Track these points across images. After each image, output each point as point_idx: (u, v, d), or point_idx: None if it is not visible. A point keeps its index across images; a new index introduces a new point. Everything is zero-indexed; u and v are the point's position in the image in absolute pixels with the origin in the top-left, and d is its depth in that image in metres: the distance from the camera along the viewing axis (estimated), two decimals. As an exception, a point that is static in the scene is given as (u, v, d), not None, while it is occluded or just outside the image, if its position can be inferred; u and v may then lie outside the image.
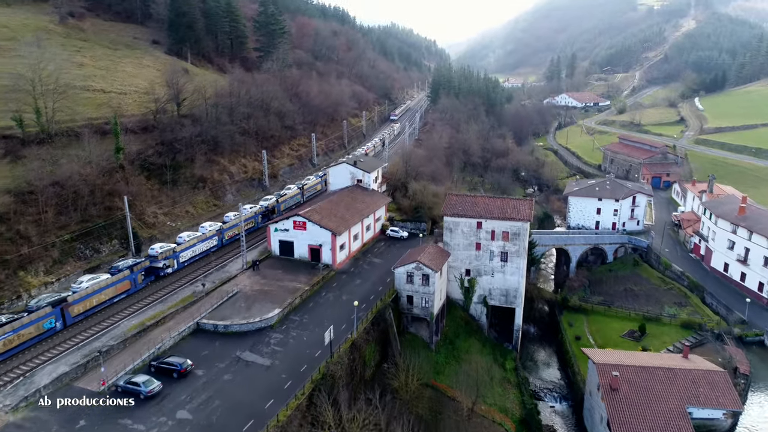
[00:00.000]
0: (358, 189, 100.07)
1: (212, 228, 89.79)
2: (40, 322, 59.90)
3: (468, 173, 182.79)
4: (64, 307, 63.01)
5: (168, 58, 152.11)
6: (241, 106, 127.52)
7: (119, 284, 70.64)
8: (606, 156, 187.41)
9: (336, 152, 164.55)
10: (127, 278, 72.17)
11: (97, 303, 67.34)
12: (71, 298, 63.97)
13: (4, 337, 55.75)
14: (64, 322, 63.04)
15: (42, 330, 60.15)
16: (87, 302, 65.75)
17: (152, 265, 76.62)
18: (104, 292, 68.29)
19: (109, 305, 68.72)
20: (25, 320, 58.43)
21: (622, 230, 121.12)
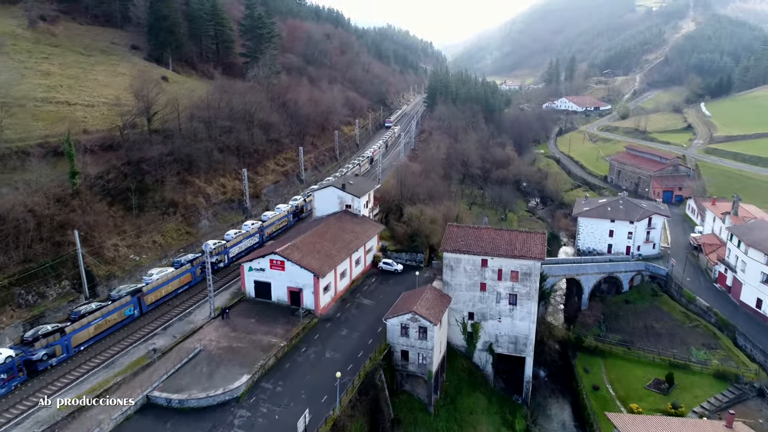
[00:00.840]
0: (346, 216, 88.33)
1: (254, 226, 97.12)
2: (122, 310, 67.69)
3: (467, 185, 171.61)
4: (140, 296, 70.58)
5: (146, 65, 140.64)
6: (221, 119, 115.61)
7: (182, 276, 77.89)
8: (612, 167, 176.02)
9: (327, 165, 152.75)
10: (189, 271, 79.75)
11: (166, 294, 74.68)
12: (145, 289, 71.38)
13: (95, 322, 63.73)
14: (141, 309, 70.61)
15: (124, 317, 67.97)
16: (158, 292, 73.12)
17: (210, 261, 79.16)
18: (171, 284, 75.46)
19: (174, 296, 75.64)
20: (111, 307, 65.77)
21: (638, 255, 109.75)
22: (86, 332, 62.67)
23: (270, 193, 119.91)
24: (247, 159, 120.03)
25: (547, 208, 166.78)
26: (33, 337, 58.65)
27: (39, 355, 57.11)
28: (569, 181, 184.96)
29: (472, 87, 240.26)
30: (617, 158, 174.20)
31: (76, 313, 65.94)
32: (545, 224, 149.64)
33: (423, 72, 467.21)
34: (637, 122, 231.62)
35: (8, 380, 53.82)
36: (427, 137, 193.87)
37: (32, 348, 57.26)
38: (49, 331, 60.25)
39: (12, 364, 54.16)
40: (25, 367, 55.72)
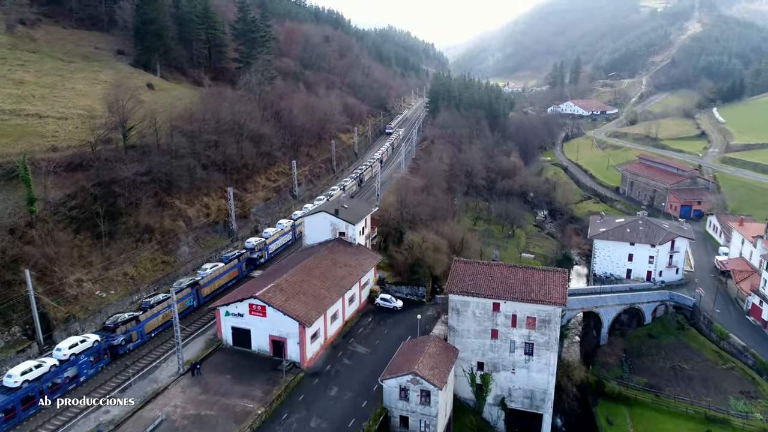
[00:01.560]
0: (340, 245, 78.29)
1: (288, 224, 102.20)
2: (183, 301, 72.07)
3: (471, 197, 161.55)
4: (197, 288, 75.80)
5: (131, 71, 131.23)
6: (206, 132, 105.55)
7: (231, 271, 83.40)
8: (625, 178, 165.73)
9: (323, 178, 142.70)
10: (236, 266, 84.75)
11: (218, 287, 79.81)
12: (201, 282, 76.47)
13: (163, 311, 68.38)
14: (198, 301, 75.92)
15: (185, 306, 72.57)
16: (212, 285, 78.52)
17: (251, 257, 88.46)
18: (222, 278, 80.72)
19: (224, 289, 79.57)
20: (175, 298, 63.70)
21: (660, 282, 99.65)
22: (156, 320, 68.57)
23: (260, 212, 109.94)
24: (234, 175, 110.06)
25: (556, 222, 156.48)
26: (113, 324, 64.68)
27: (119, 340, 63.34)
28: (579, 192, 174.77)
29: (475, 91, 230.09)
30: (630, 168, 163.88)
31: (146, 303, 70.89)
32: (555, 241, 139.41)
33: (424, 74, 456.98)
34: (647, 128, 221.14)
35: (96, 362, 60.41)
36: (429, 145, 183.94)
37: (113, 334, 63.34)
38: (126, 319, 65.99)
39: (99, 348, 60.79)
40: (108, 351, 62.32)
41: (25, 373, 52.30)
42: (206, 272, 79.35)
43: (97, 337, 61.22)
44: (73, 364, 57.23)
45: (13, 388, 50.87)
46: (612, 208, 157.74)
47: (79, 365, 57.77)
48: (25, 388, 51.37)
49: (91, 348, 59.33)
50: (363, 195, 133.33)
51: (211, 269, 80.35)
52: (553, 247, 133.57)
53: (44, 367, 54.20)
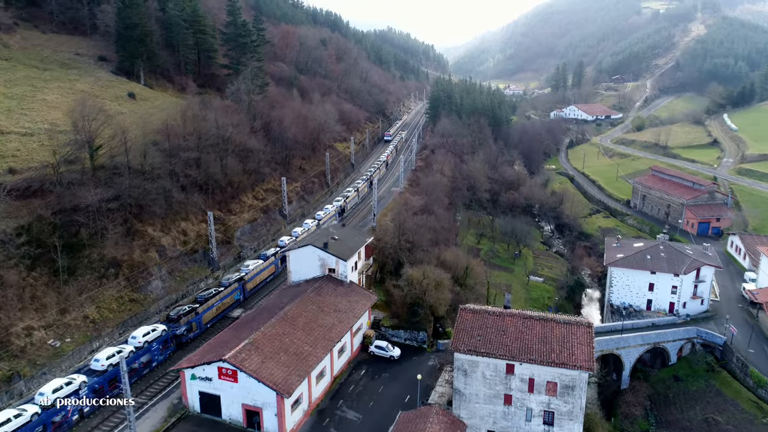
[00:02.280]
0: (329, 284, 68.31)
1: (313, 224, 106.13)
2: (232, 294, 76.68)
3: (474, 211, 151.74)
4: (243, 283, 79.91)
5: (112, 79, 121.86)
6: (186, 150, 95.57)
7: (269, 267, 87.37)
8: (636, 191, 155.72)
9: (317, 193, 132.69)
10: (273, 263, 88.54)
11: (260, 281, 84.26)
12: (246, 277, 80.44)
13: (219, 303, 73.86)
14: (244, 294, 79.92)
15: (234, 300, 76.86)
16: (255, 280, 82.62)
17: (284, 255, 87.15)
18: (262, 273, 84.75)
19: (265, 284, 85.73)
20: (225, 292, 75.10)
21: (684, 315, 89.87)
22: (211, 312, 73.29)
23: (245, 236, 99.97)
24: (217, 195, 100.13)
25: (564, 238, 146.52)
26: (176, 315, 69.53)
27: (182, 330, 67.71)
28: (587, 205, 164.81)
29: (477, 96, 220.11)
30: (642, 181, 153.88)
31: (202, 297, 75.99)
32: (565, 261, 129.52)
33: (424, 77, 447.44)
34: (656, 136, 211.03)
35: (164, 350, 65.13)
36: (429, 155, 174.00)
37: (177, 324, 67.71)
38: (187, 311, 71.07)
39: (167, 337, 65.38)
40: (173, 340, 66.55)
41: (110, 357, 57.79)
42: (249, 268, 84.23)
43: (164, 327, 66.10)
44: (147, 351, 62.42)
45: (100, 371, 56.73)
46: (623, 223, 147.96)
47: (151, 352, 63.00)
48: (110, 371, 56.92)
49: (160, 337, 64.32)
50: (356, 216, 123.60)
51: (253, 266, 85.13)
52: (562, 268, 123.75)
53: (124, 353, 57.69)
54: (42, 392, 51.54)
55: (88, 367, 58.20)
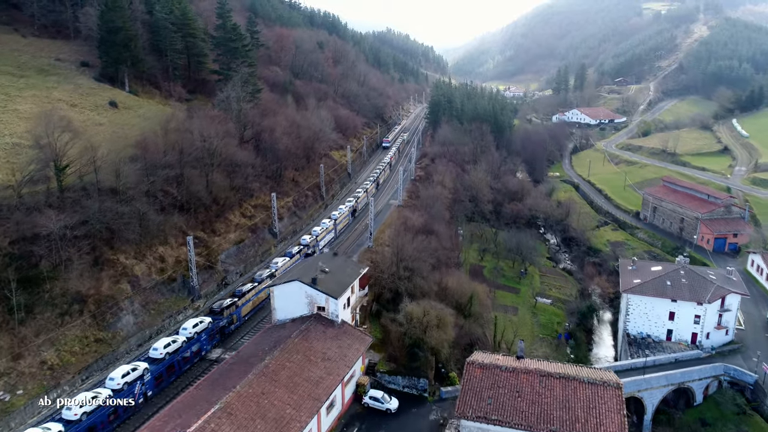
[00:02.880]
0: (317, 326, 60.05)
1: (330, 223, 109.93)
2: (264, 289, 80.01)
3: (477, 223, 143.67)
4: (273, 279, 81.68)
5: (93, 87, 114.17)
6: (165, 167, 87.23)
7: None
8: (646, 202, 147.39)
9: (310, 208, 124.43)
10: (298, 261, 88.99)
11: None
12: (276, 273, 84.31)
13: (255, 296, 79.12)
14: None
15: (264, 296, 79.83)
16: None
17: (307, 252, 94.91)
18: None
19: None
20: (260, 287, 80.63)
21: (709, 348, 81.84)
22: (249, 305, 77.20)
23: (230, 259, 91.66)
24: (200, 215, 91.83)
25: (572, 254, 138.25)
26: (219, 308, 72.52)
27: (224, 321, 70.96)
28: (594, 216, 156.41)
29: (478, 101, 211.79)
30: (653, 192, 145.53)
31: (239, 291, 78.84)
32: (573, 280, 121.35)
33: (423, 79, 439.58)
34: (664, 142, 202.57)
35: (211, 340, 68.33)
36: (429, 165, 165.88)
37: (221, 316, 71.10)
38: (228, 304, 73.59)
39: (213, 328, 68.52)
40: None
41: (167, 346, 61.35)
42: (278, 265, 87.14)
43: (209, 319, 69.38)
44: (197, 341, 65.92)
45: (159, 359, 60.14)
46: (633, 237, 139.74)
47: (200, 342, 66.46)
48: (168, 359, 60.63)
49: (207, 328, 67.69)
50: (354, 231, 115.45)
51: (281, 263, 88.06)
52: (572, 288, 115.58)
53: (178, 343, 62.88)
54: (112, 377, 55.79)
55: (147, 356, 61.66)
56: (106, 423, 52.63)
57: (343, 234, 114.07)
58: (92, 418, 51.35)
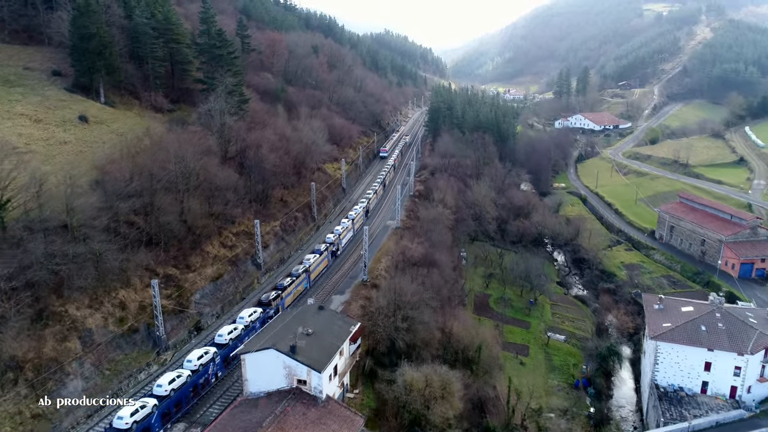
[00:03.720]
0: (297, 406, 48.74)
1: (348, 223, 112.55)
2: (302, 284, 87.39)
3: (481, 243, 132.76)
4: (309, 274, 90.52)
5: (64, 98, 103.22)
6: (128, 196, 75.76)
7: (324, 260, 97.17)
8: (662, 220, 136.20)
9: (300, 231, 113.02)
10: (326, 257, 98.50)
11: (319, 272, 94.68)
12: (311, 268, 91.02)
13: (294, 290, 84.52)
14: (309, 283, 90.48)
15: (302, 288, 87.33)
16: (316, 271, 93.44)
17: (333, 250, 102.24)
18: (320, 266, 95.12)
19: (324, 272, 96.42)
20: (297, 281, 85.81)
21: (752, 405, 70.84)
22: (290, 297, 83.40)
23: (206, 298, 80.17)
24: (172, 249, 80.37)
25: (584, 277, 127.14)
26: (267, 300, 79.37)
27: (271, 312, 76.96)
28: (606, 234, 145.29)
29: (480, 107, 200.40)
30: (670, 210, 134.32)
31: (281, 285, 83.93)
32: (588, 311, 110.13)
33: (422, 82, 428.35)
34: (675, 151, 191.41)
35: (261, 326, 69.92)
36: (429, 179, 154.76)
37: (269, 307, 78.02)
38: (274, 296, 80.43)
39: (264, 317, 74.33)
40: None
41: (230, 333, 67.52)
42: (310, 262, 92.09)
43: (261, 310, 74.95)
44: (253, 328, 70.01)
45: (224, 344, 66.02)
46: (649, 258, 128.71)
47: (255, 329, 69.47)
48: (231, 345, 65.87)
49: (260, 317, 72.70)
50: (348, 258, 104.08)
51: (313, 259, 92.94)
52: (586, 321, 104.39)
53: (238, 330, 68.59)
54: (189, 359, 60.45)
55: (213, 341, 67.27)
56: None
57: (338, 258, 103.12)
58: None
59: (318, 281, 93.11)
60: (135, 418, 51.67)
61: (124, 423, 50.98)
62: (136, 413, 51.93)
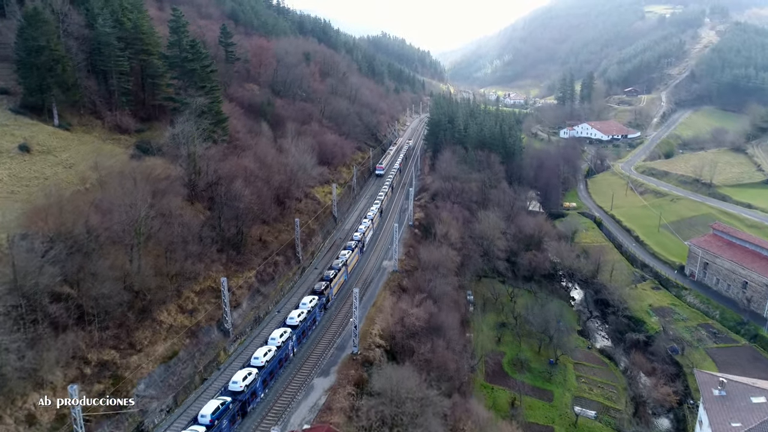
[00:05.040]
0: None
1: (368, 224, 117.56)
2: (342, 276, 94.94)
3: (489, 280, 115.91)
4: (346, 267, 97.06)
5: (8, 121, 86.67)
6: (50, 263, 58.42)
7: (356, 256, 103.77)
8: (694, 255, 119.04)
9: (282, 277, 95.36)
10: (357, 252, 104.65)
11: (353, 266, 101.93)
12: (348, 261, 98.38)
13: (337, 282, 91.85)
14: (348, 275, 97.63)
15: (343, 280, 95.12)
16: (350, 265, 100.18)
17: (361, 247, 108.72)
18: (353, 261, 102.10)
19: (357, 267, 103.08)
20: (340, 274, 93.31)
21: None
22: (336, 288, 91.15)
23: (153, 387, 62.70)
24: (111, 327, 62.87)
25: (608, 325, 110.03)
26: (320, 290, 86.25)
27: (323, 300, 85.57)
28: (627, 267, 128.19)
29: (484, 121, 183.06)
30: (702, 244, 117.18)
31: (327, 277, 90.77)
32: (619, 372, 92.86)
33: (420, 87, 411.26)
34: (695, 168, 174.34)
35: (320, 312, 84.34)
36: (429, 203, 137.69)
37: (322, 295, 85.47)
38: (324, 287, 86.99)
39: (321, 304, 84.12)
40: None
41: (300, 315, 77.10)
42: (345, 257, 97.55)
43: (317, 297, 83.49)
44: (313, 313, 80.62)
45: (296, 325, 75.41)
46: (680, 301, 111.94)
47: (314, 313, 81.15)
48: (301, 326, 76.17)
49: (318, 303, 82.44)
50: (338, 312, 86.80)
51: (348, 255, 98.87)
52: (617, 386, 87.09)
53: (303, 315, 77.80)
54: (273, 337, 70.75)
55: (285, 323, 75.99)
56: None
57: (327, 310, 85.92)
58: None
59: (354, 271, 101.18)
60: (246, 382, 61.43)
61: (238, 386, 60.89)
62: (246, 378, 61.77)
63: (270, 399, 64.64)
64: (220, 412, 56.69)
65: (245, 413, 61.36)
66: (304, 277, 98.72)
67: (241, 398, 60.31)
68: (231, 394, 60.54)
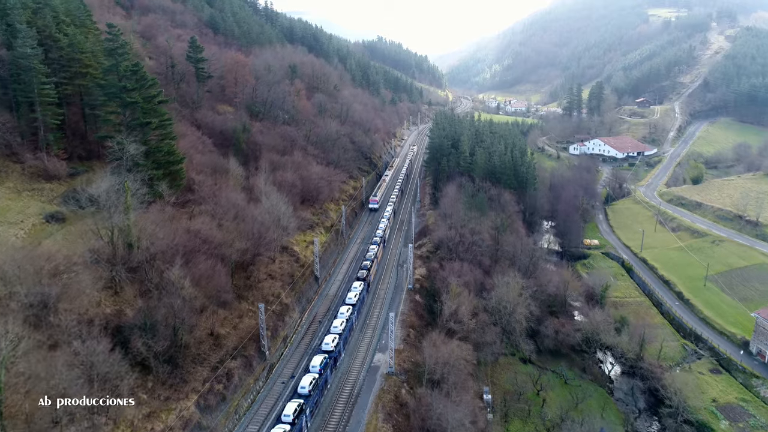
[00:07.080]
0: None
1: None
2: (374, 265, 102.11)
3: (508, 364, 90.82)
4: (377, 260, 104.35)
5: None
6: None
7: (378, 252, 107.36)
8: (762, 330, 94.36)
9: (236, 393, 69.67)
10: (380, 247, 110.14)
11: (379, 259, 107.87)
12: (377, 254, 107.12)
13: (373, 269, 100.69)
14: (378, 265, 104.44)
15: (375, 270, 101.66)
16: (378, 256, 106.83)
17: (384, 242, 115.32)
18: (378, 255, 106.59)
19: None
20: (374, 264, 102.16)
21: None
22: (372, 276, 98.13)
23: None
24: None
25: (662, 426, 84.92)
26: (363, 276, 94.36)
27: (366, 284, 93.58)
28: (674, 337, 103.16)
29: (494, 148, 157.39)
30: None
31: (365, 266, 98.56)
32: None
33: (418, 95, 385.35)
34: (736, 202, 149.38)
35: (365, 292, 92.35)
36: (432, 256, 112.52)
37: (365, 280, 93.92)
38: (365, 274, 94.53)
39: (365, 287, 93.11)
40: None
41: (348, 309, 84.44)
42: (374, 251, 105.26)
43: (361, 282, 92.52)
44: (359, 296, 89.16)
45: (352, 304, 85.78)
46: (753, 394, 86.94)
47: (360, 295, 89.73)
48: (358, 305, 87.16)
49: (363, 288, 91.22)
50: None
51: (376, 250, 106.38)
52: None
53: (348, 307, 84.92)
54: (326, 342, 74.39)
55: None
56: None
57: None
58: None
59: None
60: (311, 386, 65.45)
61: (306, 390, 64.51)
62: (312, 382, 65.95)
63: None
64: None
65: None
66: (271, 381, 73.50)
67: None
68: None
